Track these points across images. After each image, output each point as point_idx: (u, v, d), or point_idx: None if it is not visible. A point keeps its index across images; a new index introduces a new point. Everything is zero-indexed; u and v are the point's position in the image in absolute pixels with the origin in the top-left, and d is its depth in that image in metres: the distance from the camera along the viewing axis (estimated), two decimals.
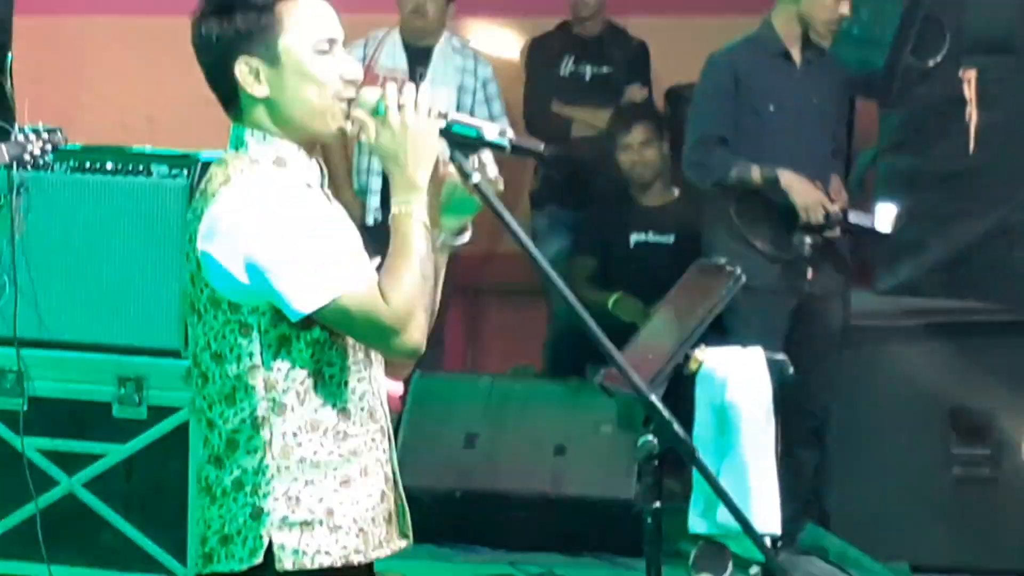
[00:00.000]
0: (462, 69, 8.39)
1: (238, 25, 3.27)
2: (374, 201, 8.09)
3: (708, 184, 7.13)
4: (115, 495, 6.67)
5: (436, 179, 3.34)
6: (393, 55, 8.18)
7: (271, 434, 3.28)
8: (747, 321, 6.65)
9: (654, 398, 3.47)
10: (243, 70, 3.27)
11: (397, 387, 3.72)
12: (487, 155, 3.33)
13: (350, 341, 3.36)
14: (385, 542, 3.39)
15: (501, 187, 3.37)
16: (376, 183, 8.23)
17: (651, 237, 8.28)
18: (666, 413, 3.45)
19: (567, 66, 8.83)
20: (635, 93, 8.65)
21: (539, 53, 8.98)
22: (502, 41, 9.26)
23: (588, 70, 8.82)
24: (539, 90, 8.84)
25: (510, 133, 3.41)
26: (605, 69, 8.85)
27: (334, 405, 3.34)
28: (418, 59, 8.33)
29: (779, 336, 6.79)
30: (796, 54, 7.16)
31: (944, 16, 7.25)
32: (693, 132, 7.26)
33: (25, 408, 6.61)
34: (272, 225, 3.20)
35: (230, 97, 3.36)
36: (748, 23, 8.90)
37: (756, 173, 6.97)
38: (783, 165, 6.94)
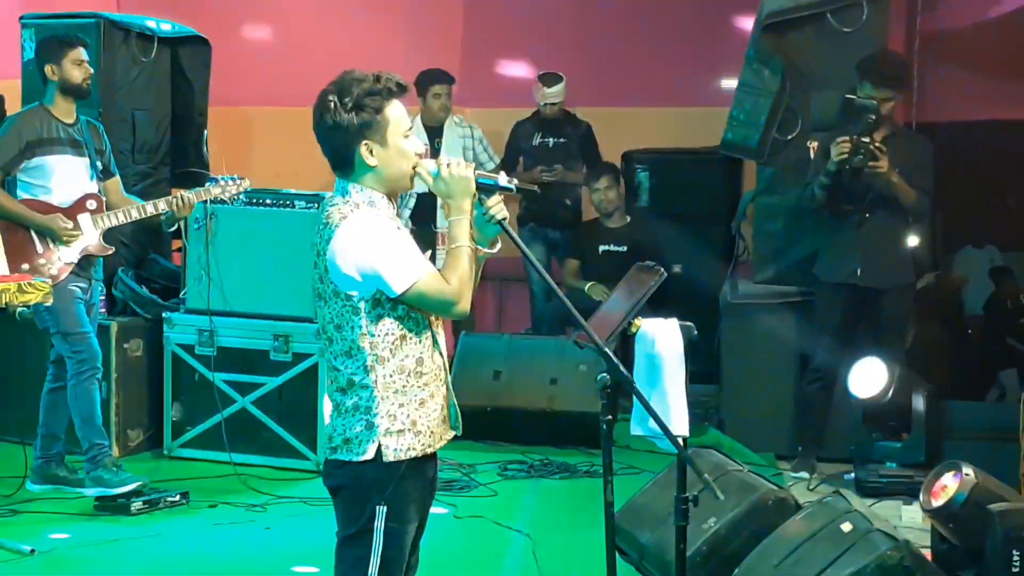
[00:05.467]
0: (463, 136, 9.07)
1: (364, 120, 3.60)
2: (406, 214, 8.72)
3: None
4: (271, 409, 7.32)
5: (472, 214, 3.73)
6: (418, 133, 8.61)
7: (376, 376, 3.62)
8: None
9: (608, 350, 3.86)
10: (363, 151, 3.59)
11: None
12: (497, 196, 3.76)
13: (421, 313, 3.67)
14: (443, 436, 3.75)
15: (506, 214, 3.77)
16: (411, 203, 8.95)
17: (612, 247, 8.99)
18: (615, 359, 3.83)
19: (537, 139, 9.49)
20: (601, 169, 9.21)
21: (521, 129, 9.58)
22: (498, 121, 9.91)
23: (551, 141, 9.47)
24: (519, 153, 9.54)
25: (514, 180, 3.78)
26: (562, 140, 9.47)
27: (413, 355, 3.68)
28: (434, 134, 8.99)
29: None
30: None
31: (797, 108, 7.79)
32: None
33: (215, 354, 7.32)
34: (375, 244, 3.54)
35: (345, 164, 3.65)
36: (665, 112, 9.99)
37: None
38: None
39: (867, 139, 6.99)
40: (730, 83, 8.66)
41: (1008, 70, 9.56)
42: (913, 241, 7.40)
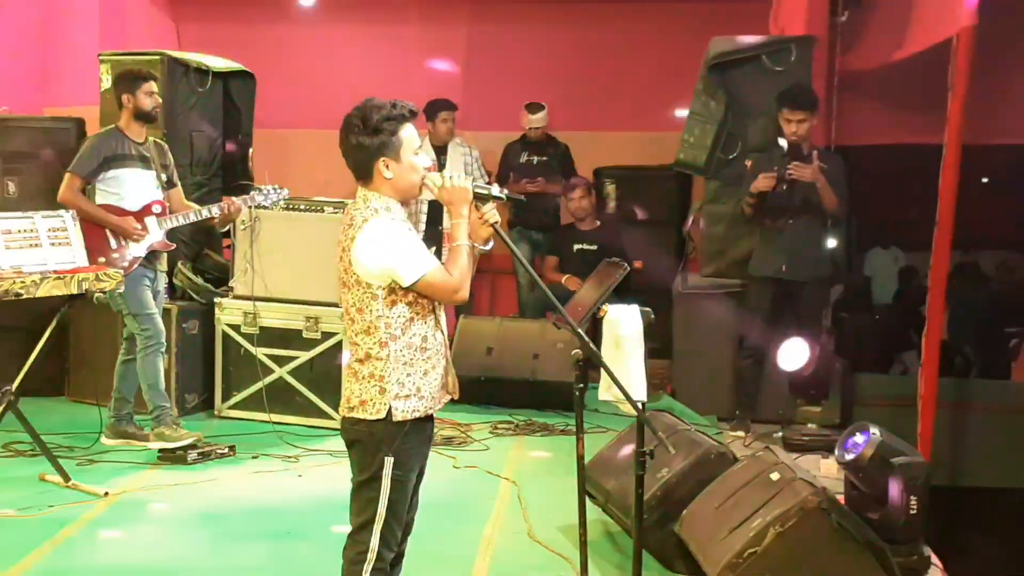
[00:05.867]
0: (464, 154, 9.03)
1: (382, 141, 3.59)
2: (424, 218, 8.74)
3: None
4: (303, 378, 7.35)
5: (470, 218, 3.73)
6: (427, 151, 8.59)
7: (389, 350, 3.62)
8: None
9: (580, 330, 3.88)
10: (381, 166, 3.59)
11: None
12: (491, 204, 3.78)
13: (427, 299, 3.68)
14: (441, 400, 3.75)
15: (498, 218, 3.79)
16: (425, 208, 8.88)
17: (585, 246, 8.93)
18: (586, 338, 3.87)
19: (524, 157, 9.48)
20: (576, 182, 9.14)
21: (511, 149, 9.58)
22: (492, 141, 9.92)
23: (535, 159, 9.47)
24: (509, 169, 9.50)
25: (505, 191, 3.81)
26: (544, 158, 9.47)
27: (420, 333, 3.67)
28: (440, 152, 8.93)
29: None
30: None
31: (737, 132, 7.84)
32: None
33: (257, 332, 7.34)
34: (391, 243, 3.54)
35: (366, 176, 3.65)
36: (629, 135, 10.00)
37: None
38: None
39: (790, 171, 7.05)
40: (682, 112, 8.65)
41: (911, 103, 9.54)
42: (831, 242, 7.37)
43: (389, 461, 3.68)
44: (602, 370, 4.03)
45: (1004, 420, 9.84)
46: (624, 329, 4.28)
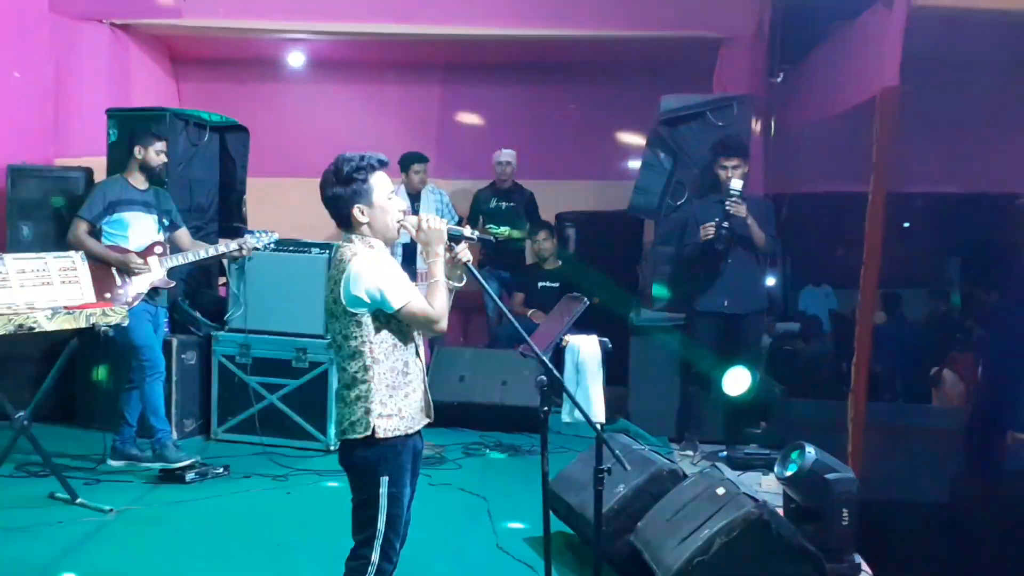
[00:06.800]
0: (435, 200, 9.01)
1: (353, 189, 3.59)
2: (399, 260, 8.58)
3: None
4: (293, 404, 7.22)
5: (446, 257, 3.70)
6: (402, 198, 8.45)
7: (373, 374, 3.59)
8: None
9: (544, 358, 3.85)
10: (356, 212, 3.59)
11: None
12: (463, 244, 3.77)
13: (409, 327, 3.65)
14: (421, 421, 3.71)
15: (470, 256, 3.78)
16: (399, 251, 8.69)
17: (548, 284, 8.97)
18: (550, 365, 3.84)
19: (492, 202, 9.47)
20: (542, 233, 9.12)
21: (481, 195, 9.58)
22: (464, 188, 9.88)
23: (503, 205, 9.47)
24: (479, 213, 9.50)
25: (476, 232, 3.79)
26: (512, 204, 9.45)
27: (402, 359, 3.65)
28: (414, 199, 8.90)
29: None
30: None
31: (684, 181, 7.85)
32: None
33: (250, 362, 7.27)
34: (379, 273, 3.52)
35: (344, 221, 3.64)
36: (588, 184, 10.03)
37: None
38: None
39: (725, 224, 7.05)
40: (635, 163, 8.71)
41: (840, 154, 9.64)
42: (770, 281, 7.46)
43: (385, 480, 3.66)
44: (564, 394, 4.04)
45: (926, 440, 9.91)
46: (584, 357, 4.32)
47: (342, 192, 3.68)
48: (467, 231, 3.86)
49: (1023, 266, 9.40)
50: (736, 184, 7.07)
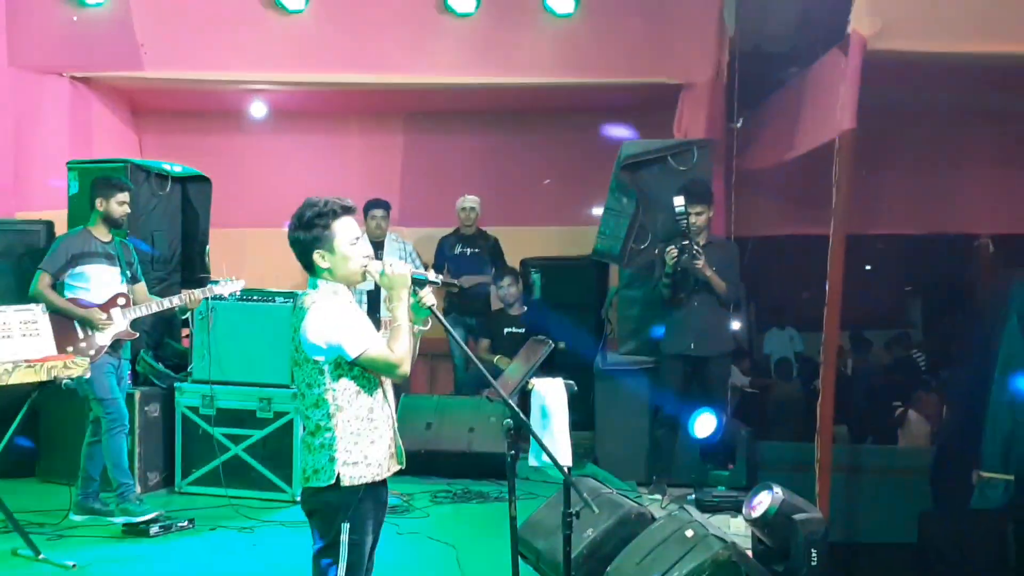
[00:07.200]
0: (398, 249, 8.92)
1: (314, 235, 3.62)
2: (364, 308, 8.39)
3: None
4: (258, 454, 7.18)
5: (408, 302, 3.70)
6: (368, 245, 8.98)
7: (337, 422, 3.59)
8: None
9: (511, 402, 3.88)
10: (317, 257, 3.61)
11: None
12: (428, 288, 3.77)
13: (373, 373, 3.65)
14: (390, 468, 3.71)
15: (434, 301, 3.79)
16: (364, 299, 8.70)
17: (514, 329, 8.93)
18: (516, 408, 3.87)
19: (457, 249, 9.48)
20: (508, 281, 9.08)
21: (445, 242, 9.58)
22: (428, 236, 9.91)
23: (468, 251, 9.49)
24: (444, 260, 9.47)
25: (440, 277, 3.81)
26: (476, 251, 9.48)
27: (366, 406, 3.64)
28: (377, 247, 8.78)
29: None
30: None
31: (647, 225, 7.91)
32: None
33: (215, 413, 7.22)
34: (336, 321, 3.53)
35: (308, 266, 3.66)
36: (552, 229, 10.16)
37: None
38: None
39: (687, 241, 7.09)
40: (598, 208, 8.73)
41: (800, 198, 9.78)
42: (735, 324, 7.52)
43: (346, 527, 3.64)
44: (531, 438, 4.03)
45: (892, 481, 9.92)
46: (550, 400, 4.32)
47: (304, 237, 3.71)
48: (431, 275, 3.86)
49: (983, 306, 9.52)
50: (678, 200, 7.15)
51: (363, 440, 3.69)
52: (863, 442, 11.99)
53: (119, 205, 6.72)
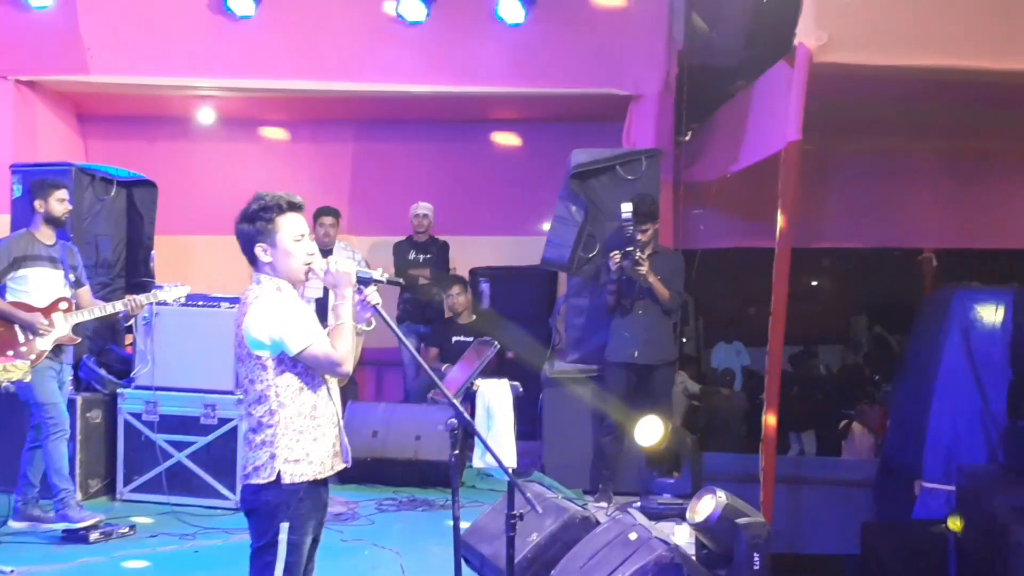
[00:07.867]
0: (349, 258, 8.48)
1: (257, 228, 3.64)
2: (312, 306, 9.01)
3: None
4: (201, 461, 7.16)
5: (353, 300, 3.74)
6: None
7: (279, 418, 3.60)
8: None
9: (456, 402, 3.89)
10: (259, 251, 3.63)
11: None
12: (372, 287, 3.80)
13: (316, 371, 3.66)
14: (334, 467, 3.71)
15: (379, 299, 3.81)
16: (313, 308, 9.27)
17: (463, 338, 8.82)
18: (461, 409, 3.88)
19: (411, 255, 9.48)
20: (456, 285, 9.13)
21: (399, 248, 9.57)
22: (380, 244, 9.91)
23: (421, 257, 9.47)
24: (399, 264, 9.47)
25: (385, 275, 3.83)
26: (429, 256, 9.48)
27: (309, 402, 3.65)
28: (324, 255, 9.54)
29: None
30: None
31: (596, 234, 7.95)
32: None
33: (158, 419, 7.19)
34: (279, 316, 3.55)
35: (253, 260, 3.68)
36: (501, 239, 10.14)
37: None
38: None
39: (630, 248, 7.15)
40: (548, 220, 8.71)
41: (746, 210, 9.88)
42: (682, 340, 7.53)
43: (285, 527, 3.63)
44: (476, 438, 4.04)
45: (835, 493, 10.05)
46: (495, 401, 4.32)
47: (247, 229, 3.73)
48: (376, 274, 3.87)
49: (926, 319, 9.70)
50: (626, 207, 7.21)
51: (305, 437, 3.69)
52: (807, 454, 12.12)
53: (59, 203, 6.65)
